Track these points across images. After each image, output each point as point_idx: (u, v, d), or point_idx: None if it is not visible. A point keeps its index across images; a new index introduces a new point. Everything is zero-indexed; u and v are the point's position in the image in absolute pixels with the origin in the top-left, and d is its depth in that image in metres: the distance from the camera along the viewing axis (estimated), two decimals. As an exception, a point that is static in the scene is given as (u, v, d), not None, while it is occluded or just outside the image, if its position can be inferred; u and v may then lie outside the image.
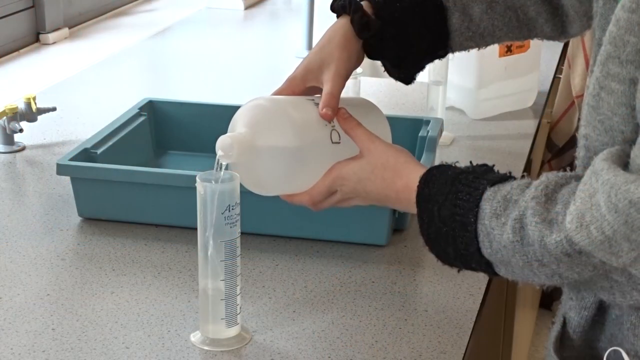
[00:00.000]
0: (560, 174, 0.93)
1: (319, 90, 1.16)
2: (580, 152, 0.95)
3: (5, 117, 1.63)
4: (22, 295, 1.18)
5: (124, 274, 1.24)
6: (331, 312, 1.15)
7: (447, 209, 0.97)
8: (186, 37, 2.43)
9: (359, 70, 1.66)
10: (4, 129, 1.63)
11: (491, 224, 0.93)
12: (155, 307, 1.16)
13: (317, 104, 1.12)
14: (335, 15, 1.20)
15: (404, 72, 1.22)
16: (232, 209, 1.04)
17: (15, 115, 1.63)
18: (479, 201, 0.95)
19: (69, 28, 2.38)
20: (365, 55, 1.21)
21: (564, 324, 1.01)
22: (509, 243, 0.92)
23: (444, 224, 0.97)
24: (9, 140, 1.64)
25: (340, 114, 1.11)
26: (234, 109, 1.59)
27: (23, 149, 1.65)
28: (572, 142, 2.28)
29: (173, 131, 1.59)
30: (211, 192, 1.03)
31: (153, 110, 1.59)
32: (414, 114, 1.76)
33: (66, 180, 1.41)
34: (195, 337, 1.09)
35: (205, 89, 2.01)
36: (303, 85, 1.17)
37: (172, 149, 1.60)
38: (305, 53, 2.24)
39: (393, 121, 1.27)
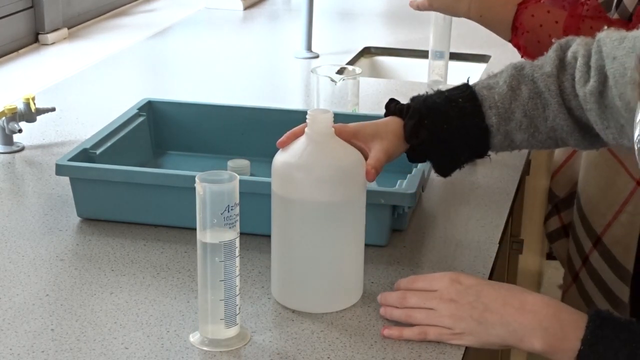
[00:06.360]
0: None
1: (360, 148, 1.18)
2: None
3: (4, 118, 1.62)
4: (21, 295, 1.18)
5: (123, 274, 1.23)
6: (331, 312, 1.15)
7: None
8: (185, 38, 2.43)
9: (358, 69, 1.67)
10: (3, 129, 1.63)
11: None
12: (154, 308, 1.16)
13: None
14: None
15: (442, 171, 1.28)
16: (232, 210, 1.04)
17: (15, 116, 1.63)
18: None
19: (68, 28, 2.37)
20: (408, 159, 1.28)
21: None
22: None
23: None
24: (8, 140, 1.64)
25: None
26: (233, 109, 1.61)
27: (22, 149, 1.65)
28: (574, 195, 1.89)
29: (172, 131, 1.59)
30: (210, 192, 1.03)
31: (152, 111, 1.59)
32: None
33: (65, 180, 1.41)
34: (194, 337, 1.09)
35: (204, 89, 2.01)
36: (350, 136, 1.18)
37: (171, 149, 1.60)
38: (304, 53, 2.24)
39: (392, 121, 1.27)
